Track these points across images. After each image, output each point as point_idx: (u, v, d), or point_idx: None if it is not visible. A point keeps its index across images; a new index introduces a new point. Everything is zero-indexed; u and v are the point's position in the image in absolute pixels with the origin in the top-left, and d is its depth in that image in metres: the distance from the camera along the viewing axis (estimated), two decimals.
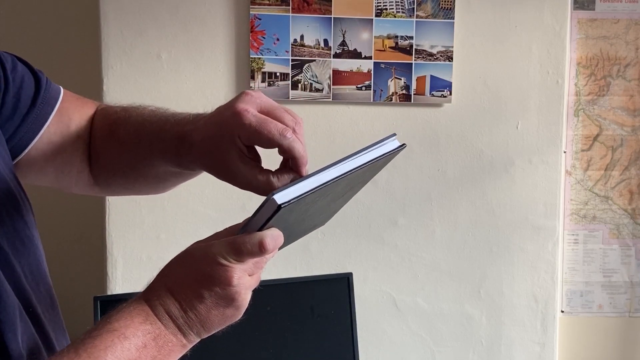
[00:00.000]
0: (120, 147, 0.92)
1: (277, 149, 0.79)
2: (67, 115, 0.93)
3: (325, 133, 1.78)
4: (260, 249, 0.70)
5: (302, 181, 0.71)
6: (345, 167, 0.76)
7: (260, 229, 0.72)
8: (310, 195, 0.71)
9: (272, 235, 0.71)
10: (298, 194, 0.70)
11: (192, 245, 0.75)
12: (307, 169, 0.79)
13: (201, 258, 0.72)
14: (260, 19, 1.71)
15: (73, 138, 0.93)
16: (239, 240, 0.71)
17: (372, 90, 1.76)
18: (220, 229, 0.77)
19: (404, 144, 0.83)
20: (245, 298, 0.72)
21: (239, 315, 0.74)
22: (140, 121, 0.90)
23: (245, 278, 0.71)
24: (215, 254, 0.71)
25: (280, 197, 0.69)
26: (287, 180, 0.78)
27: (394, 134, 0.83)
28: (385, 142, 0.82)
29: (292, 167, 0.79)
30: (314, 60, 1.74)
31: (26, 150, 0.89)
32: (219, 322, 0.73)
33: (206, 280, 0.71)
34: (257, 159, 0.81)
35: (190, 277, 0.72)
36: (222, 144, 0.78)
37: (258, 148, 0.81)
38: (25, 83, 0.90)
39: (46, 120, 0.91)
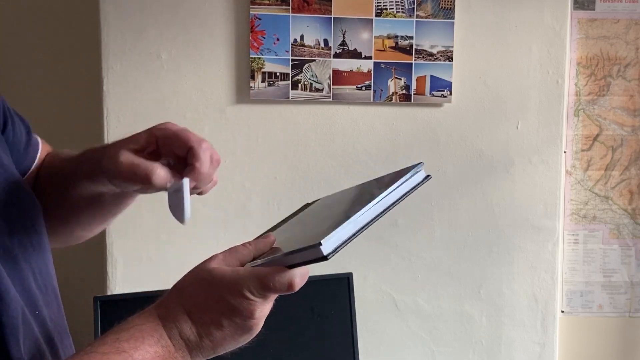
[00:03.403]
0: (54, 181, 0.92)
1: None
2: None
3: (325, 133, 1.78)
4: (289, 289, 0.70)
5: (341, 226, 0.70)
6: (380, 207, 0.75)
7: (291, 266, 0.71)
8: (351, 238, 0.71)
9: (302, 275, 0.71)
10: (342, 241, 0.69)
11: (211, 264, 0.73)
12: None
13: (226, 287, 0.71)
14: (260, 19, 1.71)
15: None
16: (269, 277, 0.70)
17: (372, 90, 1.76)
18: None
19: (429, 175, 0.83)
20: (261, 325, 0.73)
21: (249, 339, 0.74)
22: (66, 156, 0.93)
23: (266, 309, 0.72)
24: (243, 286, 0.70)
25: (327, 247, 0.68)
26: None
27: (421, 163, 0.83)
28: (412, 172, 0.81)
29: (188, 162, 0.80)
30: (314, 60, 1.74)
31: None
32: (230, 347, 0.73)
33: (229, 310, 0.70)
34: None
35: (212, 304, 0.71)
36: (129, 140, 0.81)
37: None
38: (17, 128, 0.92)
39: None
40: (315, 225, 0.80)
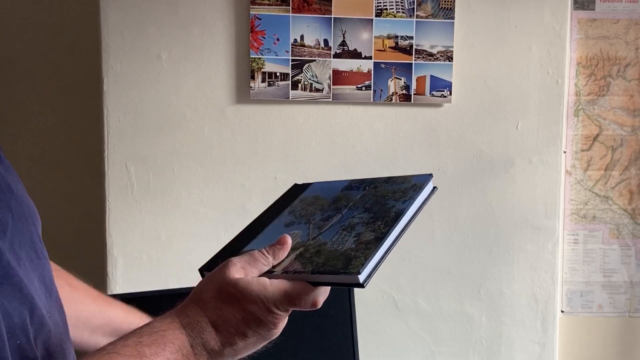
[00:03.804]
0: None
1: None
2: None
3: (325, 133, 1.78)
4: (312, 307, 0.74)
5: (375, 252, 0.74)
6: (402, 225, 0.80)
7: (314, 283, 0.74)
8: (380, 263, 0.75)
9: (325, 293, 0.75)
10: (373, 267, 0.73)
11: (233, 274, 0.75)
12: None
13: (254, 301, 0.73)
14: (260, 19, 1.71)
15: None
16: (295, 295, 0.74)
17: (372, 90, 1.76)
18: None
19: (435, 187, 0.85)
20: (279, 333, 0.77)
21: (264, 344, 0.78)
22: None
23: (286, 320, 0.76)
24: (270, 302, 0.73)
25: (363, 275, 0.72)
26: None
27: (431, 175, 0.85)
28: (424, 185, 0.84)
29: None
30: (314, 60, 1.74)
31: None
32: (248, 353, 0.76)
33: (254, 322, 0.73)
34: None
35: (239, 317, 0.73)
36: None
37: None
38: None
39: None
40: (333, 238, 0.80)
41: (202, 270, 0.84)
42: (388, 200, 0.83)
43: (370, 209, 0.83)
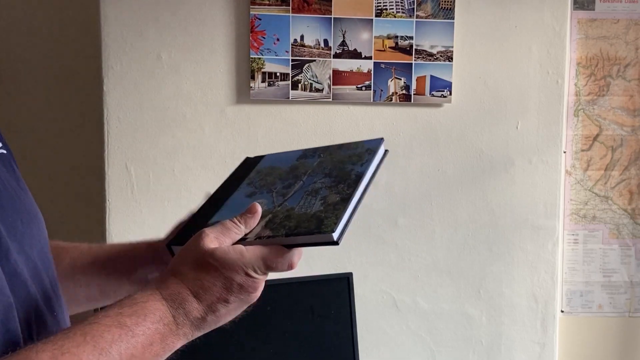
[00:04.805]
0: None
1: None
2: None
3: (325, 133, 1.78)
4: (289, 268, 0.77)
5: (344, 212, 0.77)
6: (363, 186, 0.82)
7: (289, 246, 0.76)
8: (350, 221, 0.78)
9: (299, 255, 0.78)
10: (344, 224, 0.76)
11: (208, 244, 0.76)
12: None
13: (232, 267, 0.75)
14: (260, 19, 1.71)
15: None
16: (272, 258, 0.76)
17: (372, 90, 1.76)
18: None
19: (387, 150, 0.89)
20: (258, 296, 0.78)
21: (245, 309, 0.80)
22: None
23: (264, 283, 0.77)
24: (248, 266, 0.75)
25: (336, 233, 0.75)
26: None
27: (382, 139, 0.89)
28: (378, 148, 0.87)
29: None
30: (314, 60, 1.74)
31: None
32: (230, 318, 0.78)
33: (235, 288, 0.75)
34: None
35: (219, 284, 0.75)
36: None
37: None
38: None
39: None
40: (299, 203, 0.82)
41: (170, 245, 0.85)
42: (346, 164, 0.87)
43: (330, 174, 0.86)
